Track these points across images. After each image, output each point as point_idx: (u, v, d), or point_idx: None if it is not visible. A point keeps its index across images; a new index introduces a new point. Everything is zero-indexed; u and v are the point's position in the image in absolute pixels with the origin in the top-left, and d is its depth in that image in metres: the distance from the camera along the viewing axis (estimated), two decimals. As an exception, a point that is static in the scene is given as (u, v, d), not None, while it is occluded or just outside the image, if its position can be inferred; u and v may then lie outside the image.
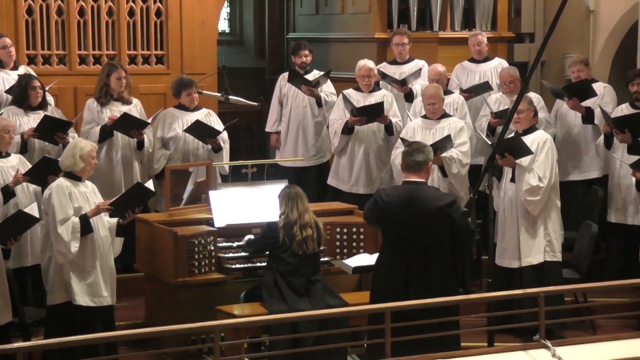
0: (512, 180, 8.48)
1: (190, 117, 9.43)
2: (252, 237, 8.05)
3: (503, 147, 8.13)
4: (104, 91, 9.36)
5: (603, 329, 8.64)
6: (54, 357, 7.36)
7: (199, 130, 9.31)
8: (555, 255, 8.48)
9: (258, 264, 8.08)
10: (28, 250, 8.38)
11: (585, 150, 9.88)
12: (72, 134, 9.07)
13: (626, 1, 11.04)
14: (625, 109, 9.42)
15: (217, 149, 9.43)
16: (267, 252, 7.81)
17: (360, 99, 9.97)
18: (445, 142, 8.90)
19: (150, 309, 8.48)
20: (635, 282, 7.66)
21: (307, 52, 10.50)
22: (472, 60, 10.67)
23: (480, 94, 10.19)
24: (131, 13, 10.38)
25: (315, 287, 7.67)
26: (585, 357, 6.37)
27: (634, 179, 8.75)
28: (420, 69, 10.34)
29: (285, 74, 10.69)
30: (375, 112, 9.70)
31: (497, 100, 9.98)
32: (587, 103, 9.65)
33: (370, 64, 10.00)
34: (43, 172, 8.21)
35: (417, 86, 10.24)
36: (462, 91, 10.22)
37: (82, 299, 7.50)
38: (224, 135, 9.49)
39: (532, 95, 9.78)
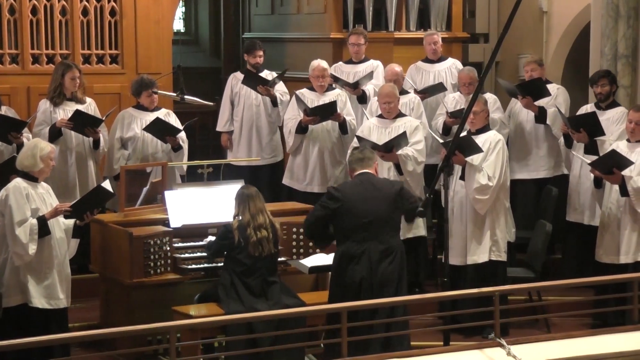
0: (462, 178, 8.56)
1: (149, 118, 9.37)
2: (212, 239, 8.02)
3: (454, 145, 8.20)
4: (57, 91, 9.28)
5: (557, 327, 8.71)
6: (9, 359, 7.29)
7: (159, 128, 9.27)
8: (501, 255, 8.55)
9: (214, 265, 8.05)
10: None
11: (535, 149, 9.95)
12: (26, 134, 9.00)
13: (578, 2, 11.15)
14: (589, 109, 9.49)
15: (177, 148, 9.39)
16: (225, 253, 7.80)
17: (314, 99, 9.98)
18: (400, 140, 8.95)
19: (105, 310, 8.42)
20: (587, 280, 7.77)
21: (261, 52, 10.49)
22: (426, 60, 10.72)
23: (434, 95, 10.25)
24: (85, 12, 10.30)
25: (272, 288, 7.65)
26: (540, 355, 6.43)
27: (592, 176, 8.82)
28: (372, 71, 10.37)
29: (237, 73, 10.67)
30: (328, 111, 9.72)
31: (455, 99, 10.04)
32: (541, 103, 9.74)
33: (323, 64, 10.01)
34: (7, 172, 8.09)
35: (369, 86, 10.27)
36: (417, 92, 10.26)
37: (39, 301, 7.45)
38: (183, 134, 9.46)
39: (489, 96, 9.85)
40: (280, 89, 10.42)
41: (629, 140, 8.66)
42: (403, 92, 9.95)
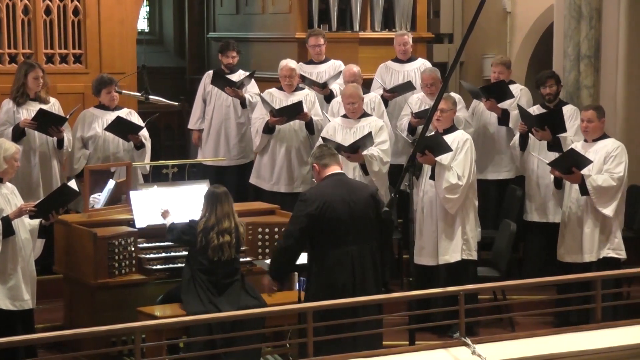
0: (432, 178, 8.59)
1: (111, 117, 9.34)
2: (174, 222, 7.95)
3: (423, 145, 8.23)
4: (20, 91, 9.21)
5: (521, 326, 8.77)
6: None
7: (120, 127, 9.23)
8: (472, 254, 8.60)
9: (179, 265, 8.02)
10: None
11: (499, 150, 10.01)
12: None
13: (541, 3, 11.24)
14: (537, 110, 9.57)
15: (139, 145, 9.36)
16: (185, 248, 7.78)
17: (283, 99, 9.98)
18: (365, 140, 8.97)
19: (69, 311, 8.36)
20: (552, 279, 7.83)
21: (235, 53, 10.48)
22: (396, 60, 10.73)
23: (403, 94, 10.26)
24: (48, 11, 10.22)
25: (231, 288, 7.61)
26: (505, 354, 6.47)
27: (552, 177, 8.89)
28: (340, 71, 10.38)
29: (210, 72, 10.65)
30: (294, 111, 9.73)
31: (419, 100, 10.07)
32: (504, 105, 9.79)
33: (291, 63, 10.02)
34: None
35: (335, 86, 10.29)
36: (386, 91, 10.27)
37: (3, 302, 7.42)
38: (145, 132, 9.43)
39: (454, 95, 9.89)
40: (251, 90, 10.41)
41: (586, 140, 8.73)
42: (363, 91, 9.98)
